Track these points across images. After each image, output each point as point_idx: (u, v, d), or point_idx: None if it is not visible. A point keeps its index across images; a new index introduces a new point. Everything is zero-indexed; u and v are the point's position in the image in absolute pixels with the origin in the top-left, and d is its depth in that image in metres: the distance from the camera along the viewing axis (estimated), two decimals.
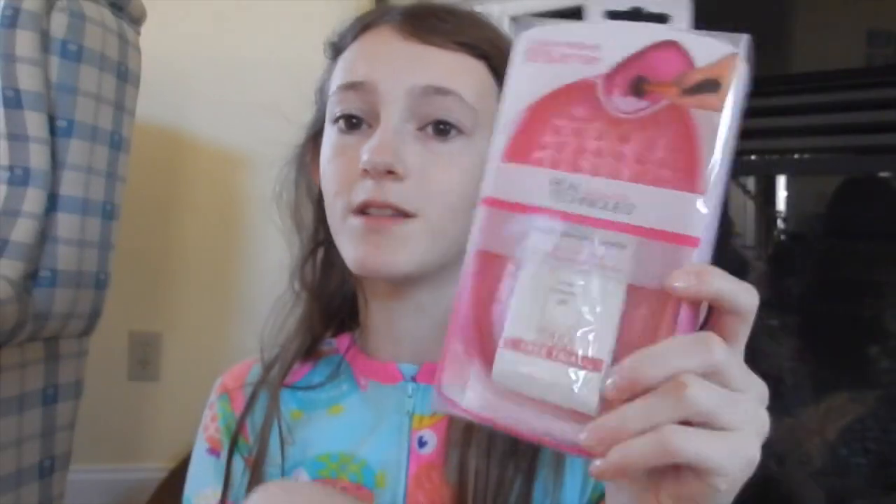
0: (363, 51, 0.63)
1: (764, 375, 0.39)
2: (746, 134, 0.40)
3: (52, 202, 1.32)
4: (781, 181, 1.60)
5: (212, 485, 0.68)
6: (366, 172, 0.59)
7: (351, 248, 0.61)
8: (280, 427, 0.65)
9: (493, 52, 0.62)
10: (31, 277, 1.29)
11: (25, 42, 1.28)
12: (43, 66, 1.30)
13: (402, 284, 0.63)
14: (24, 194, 1.28)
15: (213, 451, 0.70)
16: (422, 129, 0.61)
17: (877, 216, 1.44)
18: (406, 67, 0.60)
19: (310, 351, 0.69)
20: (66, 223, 1.33)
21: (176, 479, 1.84)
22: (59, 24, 1.31)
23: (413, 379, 0.64)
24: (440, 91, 0.60)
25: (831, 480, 1.43)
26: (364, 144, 0.59)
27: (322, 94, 0.68)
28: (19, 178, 1.28)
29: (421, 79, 0.60)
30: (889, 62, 1.25)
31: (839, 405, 1.42)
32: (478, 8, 1.82)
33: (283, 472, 0.65)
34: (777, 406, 0.40)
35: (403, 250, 0.59)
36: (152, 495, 1.79)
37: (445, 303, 0.61)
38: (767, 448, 0.39)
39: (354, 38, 0.64)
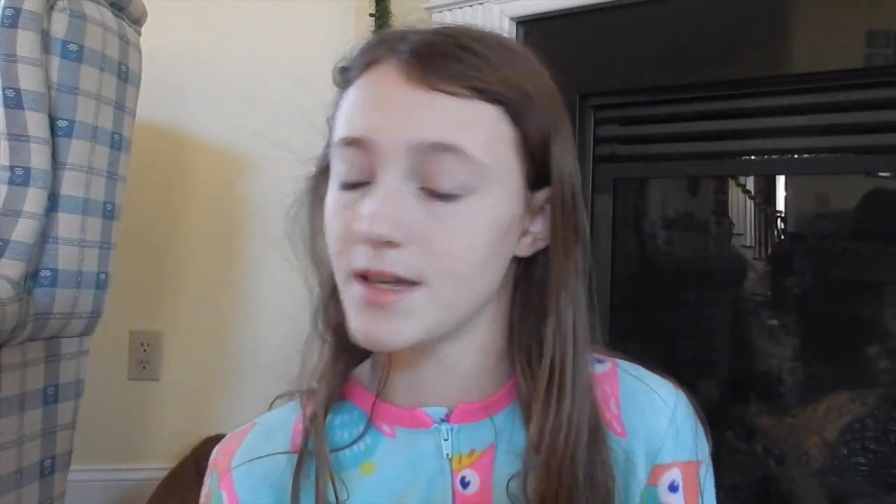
0: (364, 98, 0.59)
1: (764, 375, 0.40)
2: (746, 134, 0.40)
3: (53, 202, 1.32)
4: (781, 181, 1.60)
5: None
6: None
7: (352, 316, 0.58)
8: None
9: (510, 96, 0.58)
10: (31, 277, 1.29)
11: (26, 42, 1.28)
12: (43, 66, 1.30)
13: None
14: (24, 194, 1.28)
15: None
16: (425, 188, 0.57)
17: (877, 216, 1.44)
18: (407, 121, 0.56)
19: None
20: (66, 223, 1.33)
21: (176, 479, 1.84)
22: (59, 25, 1.31)
23: (444, 420, 0.62)
24: (445, 147, 0.56)
25: (831, 480, 1.43)
26: (364, 202, 0.56)
27: (331, 124, 0.63)
28: (20, 177, 1.28)
29: (424, 134, 0.56)
30: (889, 62, 1.25)
31: (839, 405, 1.42)
32: (478, 8, 1.81)
33: None
34: (777, 406, 0.40)
35: (407, 323, 0.56)
36: (152, 495, 1.79)
37: (468, 355, 0.62)
38: (767, 448, 0.39)
39: (361, 72, 0.60)
